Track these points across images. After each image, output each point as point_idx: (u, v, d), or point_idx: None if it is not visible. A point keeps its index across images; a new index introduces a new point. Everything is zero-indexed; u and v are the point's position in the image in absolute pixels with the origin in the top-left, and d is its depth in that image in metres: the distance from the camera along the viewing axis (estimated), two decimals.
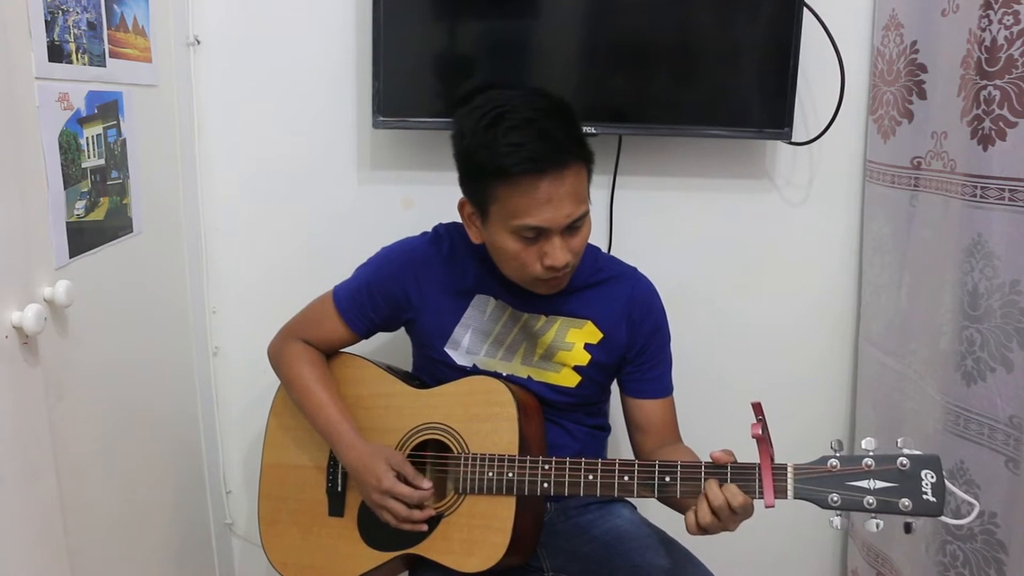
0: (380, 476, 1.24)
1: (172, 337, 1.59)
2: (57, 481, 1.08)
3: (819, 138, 1.63)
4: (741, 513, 1.06)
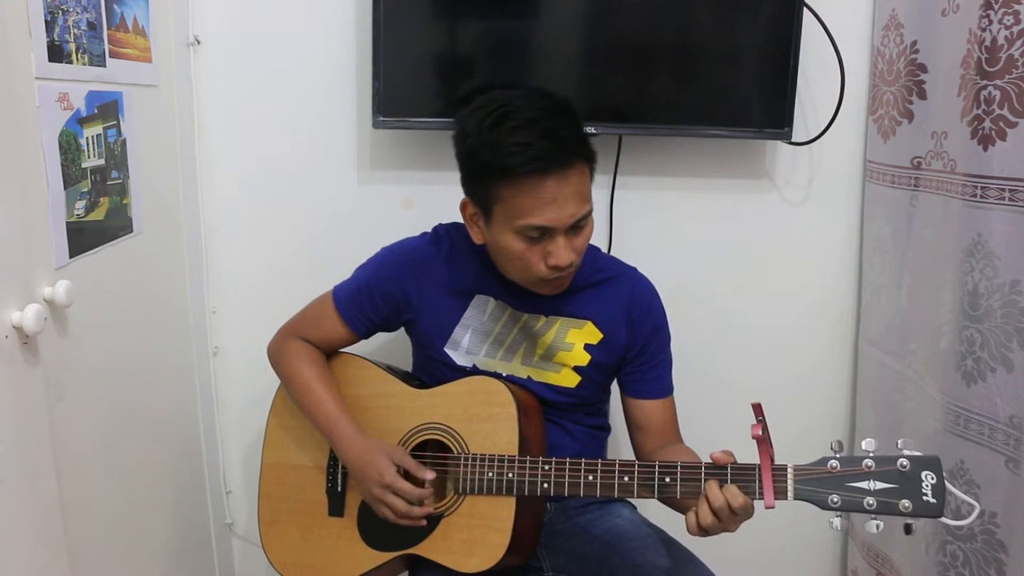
0: (382, 471, 1.23)
1: (172, 337, 1.59)
2: (57, 481, 1.08)
3: (819, 138, 1.63)
4: (741, 514, 1.06)
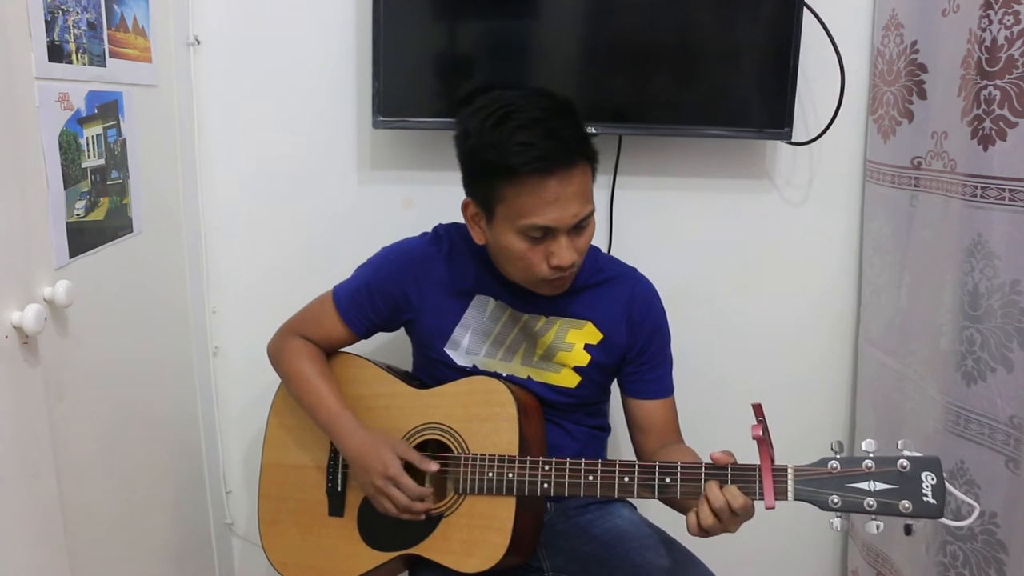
0: (387, 462, 1.23)
1: (172, 337, 1.59)
2: (57, 481, 1.08)
3: (819, 138, 1.63)
4: (742, 514, 1.06)
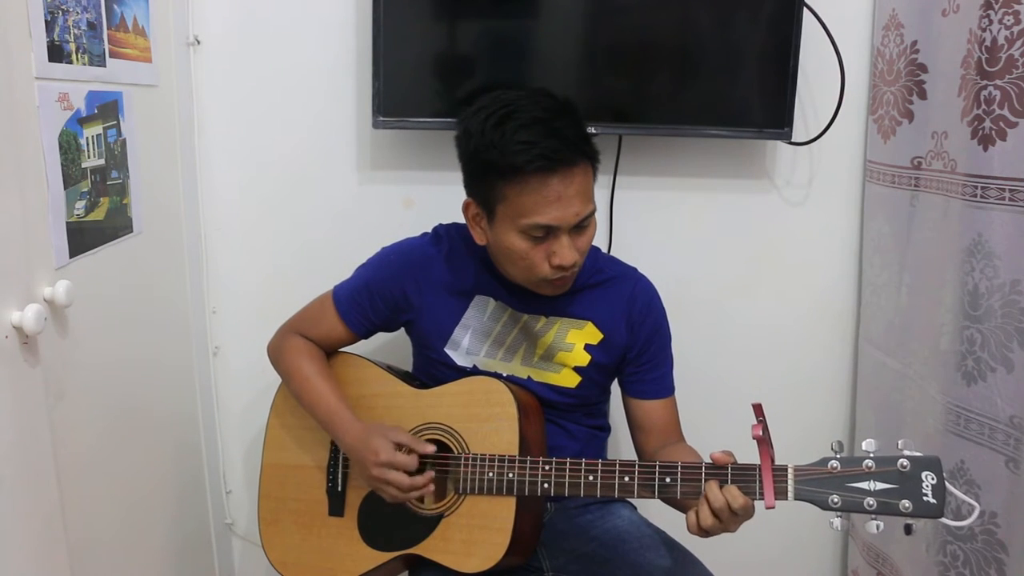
0: (378, 449, 1.23)
1: (172, 337, 1.59)
2: (57, 481, 1.08)
3: (819, 138, 1.63)
4: (742, 514, 1.06)
